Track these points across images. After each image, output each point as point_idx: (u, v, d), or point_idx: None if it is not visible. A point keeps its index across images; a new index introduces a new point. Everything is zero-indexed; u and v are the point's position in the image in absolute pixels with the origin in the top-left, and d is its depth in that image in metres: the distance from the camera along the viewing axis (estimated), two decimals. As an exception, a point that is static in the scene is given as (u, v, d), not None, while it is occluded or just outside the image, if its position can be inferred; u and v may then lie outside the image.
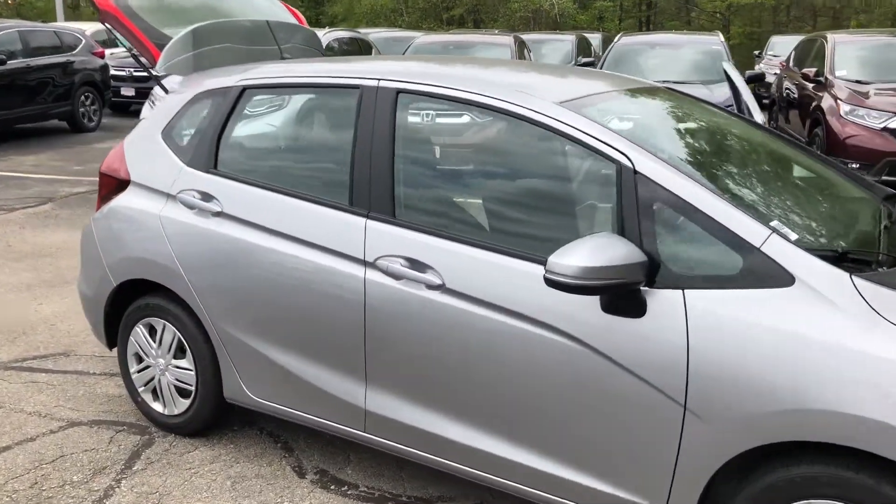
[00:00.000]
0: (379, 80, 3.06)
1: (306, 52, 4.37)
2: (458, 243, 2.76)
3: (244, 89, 3.41)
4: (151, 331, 3.64)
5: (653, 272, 2.41)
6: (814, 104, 8.87)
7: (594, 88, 3.09)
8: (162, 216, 3.45)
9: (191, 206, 3.37)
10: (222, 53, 3.89)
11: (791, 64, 11.06)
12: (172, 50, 3.70)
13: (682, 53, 10.18)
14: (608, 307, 2.45)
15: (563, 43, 15.15)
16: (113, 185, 3.69)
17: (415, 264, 2.82)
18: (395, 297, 2.85)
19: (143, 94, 13.37)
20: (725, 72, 5.66)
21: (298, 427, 3.69)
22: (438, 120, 3.39)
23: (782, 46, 18.06)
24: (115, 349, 3.87)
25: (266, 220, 3.16)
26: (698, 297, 2.35)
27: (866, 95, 8.18)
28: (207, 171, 3.39)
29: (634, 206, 2.47)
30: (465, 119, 3.36)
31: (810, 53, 10.16)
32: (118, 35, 3.81)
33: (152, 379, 3.68)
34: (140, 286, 3.65)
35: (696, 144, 3.19)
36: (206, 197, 3.35)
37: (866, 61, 9.18)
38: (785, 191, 3.06)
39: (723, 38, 10.59)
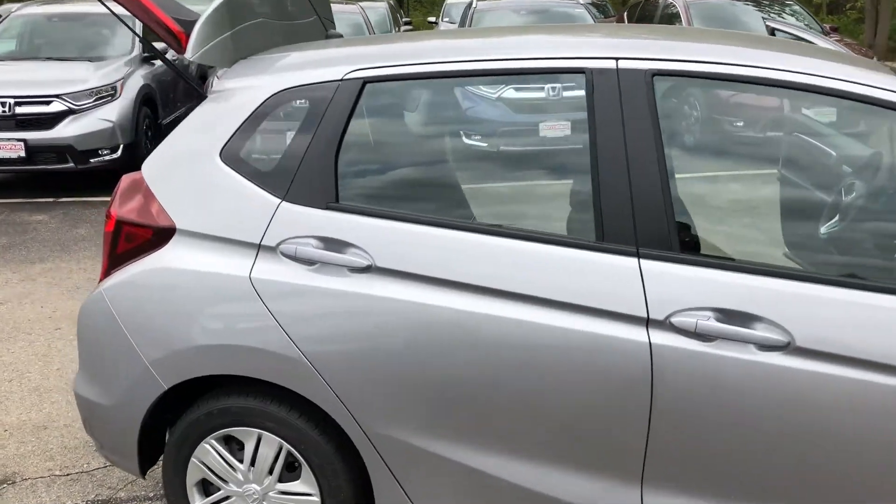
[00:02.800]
0: (617, 59, 2.16)
1: (327, 26, 3.24)
2: (808, 283, 2.00)
3: (365, 83, 2.33)
4: (231, 445, 2.49)
5: None
6: None
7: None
8: (256, 280, 2.30)
9: (308, 262, 2.27)
10: (260, 32, 2.72)
11: None
12: (205, 29, 2.49)
13: (548, 17, 9.72)
14: None
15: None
16: (139, 237, 2.44)
17: (734, 317, 2.01)
18: (706, 366, 2.03)
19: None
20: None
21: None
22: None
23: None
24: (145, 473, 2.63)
25: (459, 274, 2.16)
26: None
27: None
28: (327, 208, 2.29)
29: None
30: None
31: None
32: (133, 15, 2.53)
33: (235, 514, 2.52)
34: (198, 385, 2.47)
35: None
36: (336, 245, 2.26)
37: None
38: None
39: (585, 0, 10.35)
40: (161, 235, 2.42)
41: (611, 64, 2.15)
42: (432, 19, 18.63)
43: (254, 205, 2.34)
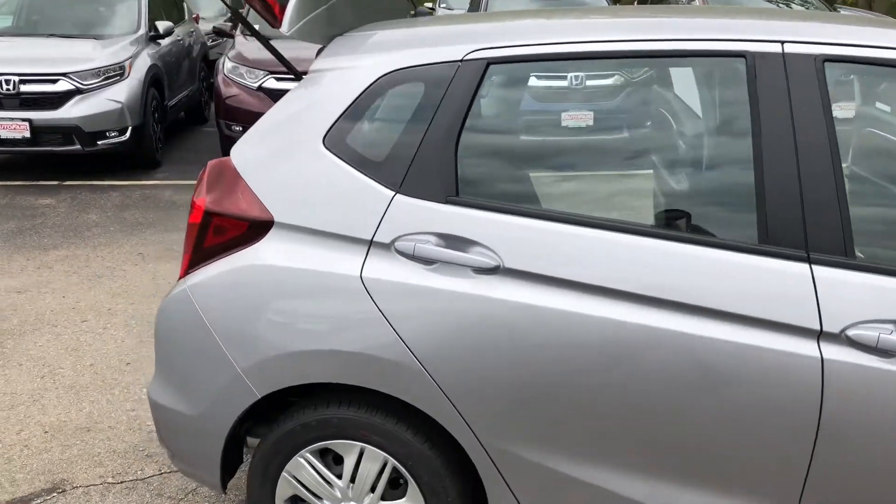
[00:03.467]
0: (782, 42, 1.96)
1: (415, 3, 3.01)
2: None
3: (488, 64, 2.11)
4: (327, 459, 2.28)
5: None
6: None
7: None
8: (368, 279, 2.08)
9: (426, 261, 2.06)
10: (352, 7, 2.50)
11: None
12: (303, 2, 2.27)
13: (563, 2, 9.40)
14: None
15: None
16: (231, 230, 2.22)
17: None
18: (888, 385, 1.84)
19: None
20: None
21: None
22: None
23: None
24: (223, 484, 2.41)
25: (605, 279, 1.95)
26: None
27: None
28: (446, 202, 2.08)
29: None
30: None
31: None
32: None
33: (331, 533, 2.31)
34: (292, 393, 2.26)
35: None
36: (458, 243, 2.04)
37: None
38: None
39: None
40: (256, 229, 2.19)
41: (775, 48, 1.95)
42: (429, 5, 18.19)
43: (364, 197, 2.12)
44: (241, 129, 7.48)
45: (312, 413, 2.23)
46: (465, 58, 2.11)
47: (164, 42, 8.43)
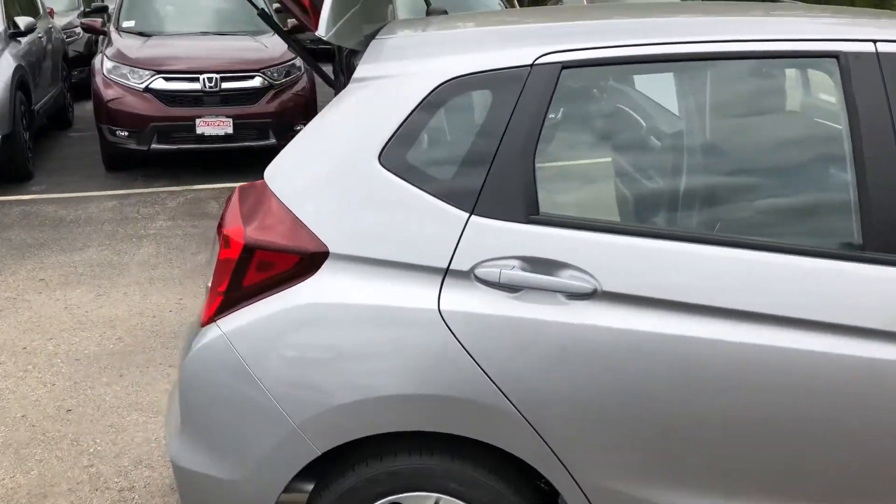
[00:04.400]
0: (875, 41, 1.88)
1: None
2: None
3: (562, 68, 1.92)
4: (397, 515, 2.04)
5: None
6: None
7: None
8: (447, 312, 1.85)
9: (512, 288, 1.85)
10: (377, 7, 2.24)
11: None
12: (338, 3, 1.99)
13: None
14: None
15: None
16: (279, 265, 1.92)
17: None
18: None
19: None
20: None
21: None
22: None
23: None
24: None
25: (720, 298, 1.80)
26: None
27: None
28: (529, 221, 1.88)
29: None
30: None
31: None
32: None
33: None
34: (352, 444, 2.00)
35: None
36: (546, 267, 1.85)
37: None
38: None
39: None
40: (309, 262, 1.91)
41: (868, 47, 1.88)
42: None
43: (434, 221, 1.89)
44: (126, 133, 6.90)
45: (379, 465, 1.98)
46: (537, 62, 1.91)
47: (25, 40, 7.64)
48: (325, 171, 1.94)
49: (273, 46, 7.50)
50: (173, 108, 6.91)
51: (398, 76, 1.96)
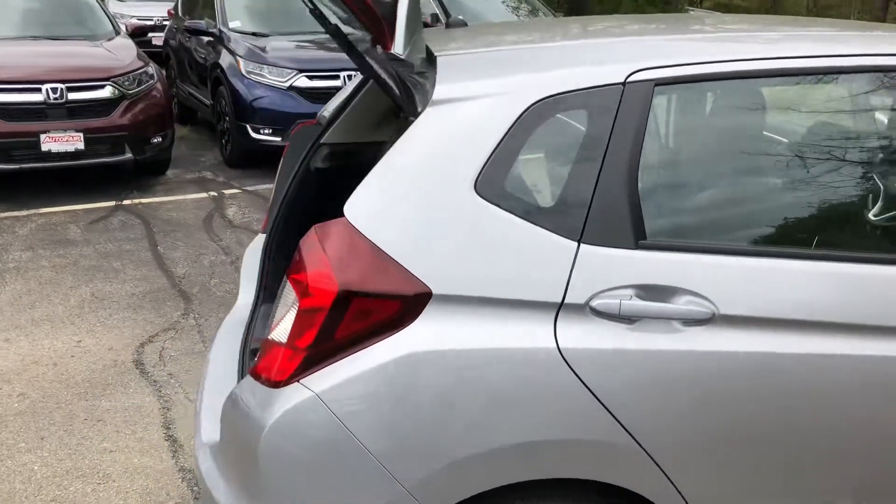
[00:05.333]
0: None
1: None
2: None
3: (655, 85, 1.84)
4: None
5: None
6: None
7: None
8: (567, 350, 1.73)
9: (630, 319, 1.75)
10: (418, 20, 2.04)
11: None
12: (411, 18, 1.80)
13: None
14: None
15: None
16: (379, 312, 1.70)
17: None
18: None
19: None
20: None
21: None
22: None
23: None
24: None
25: (846, 314, 1.80)
26: None
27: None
28: (638, 247, 1.78)
29: None
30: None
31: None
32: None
33: None
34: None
35: None
36: (660, 294, 1.77)
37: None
38: None
39: None
40: (410, 306, 1.71)
41: None
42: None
43: (543, 252, 1.76)
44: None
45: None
46: (629, 80, 1.83)
47: None
48: (417, 205, 1.75)
49: (120, 52, 6.89)
50: (12, 123, 6.14)
51: (485, 97, 1.81)
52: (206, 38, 8.05)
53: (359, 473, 1.72)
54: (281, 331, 1.80)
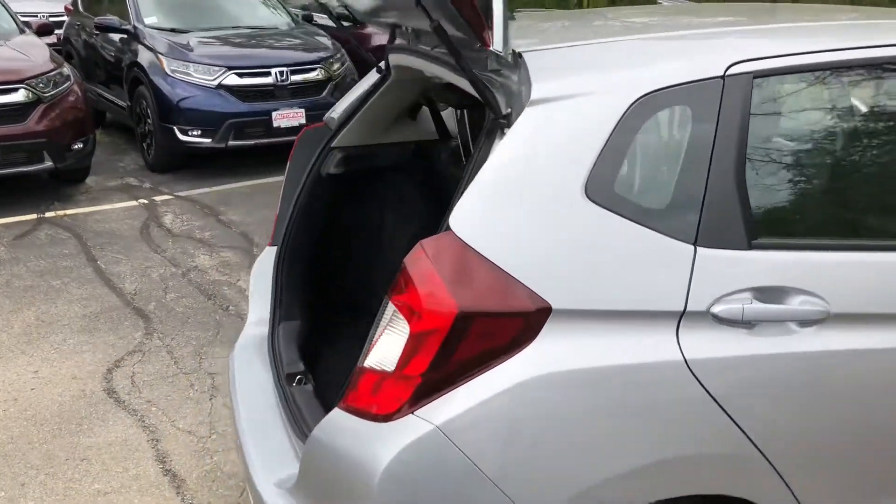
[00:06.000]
0: None
1: None
2: None
3: (753, 77, 1.76)
4: None
5: None
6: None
7: None
8: (692, 360, 1.63)
9: (749, 323, 1.67)
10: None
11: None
12: (505, 12, 1.65)
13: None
14: None
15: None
16: (502, 333, 1.56)
17: None
18: None
19: None
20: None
21: None
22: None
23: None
24: None
25: None
26: None
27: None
28: (751, 248, 1.70)
29: None
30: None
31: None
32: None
33: None
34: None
35: None
36: (776, 295, 1.69)
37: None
38: None
39: None
40: (532, 324, 1.58)
41: None
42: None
43: (661, 258, 1.65)
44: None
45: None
46: (729, 72, 1.74)
47: None
48: (527, 214, 1.62)
49: (31, 52, 6.38)
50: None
51: (585, 94, 1.68)
52: (118, 36, 7.57)
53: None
54: (380, 357, 1.64)
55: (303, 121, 6.86)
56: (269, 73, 6.85)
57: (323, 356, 2.57)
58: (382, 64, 2.55)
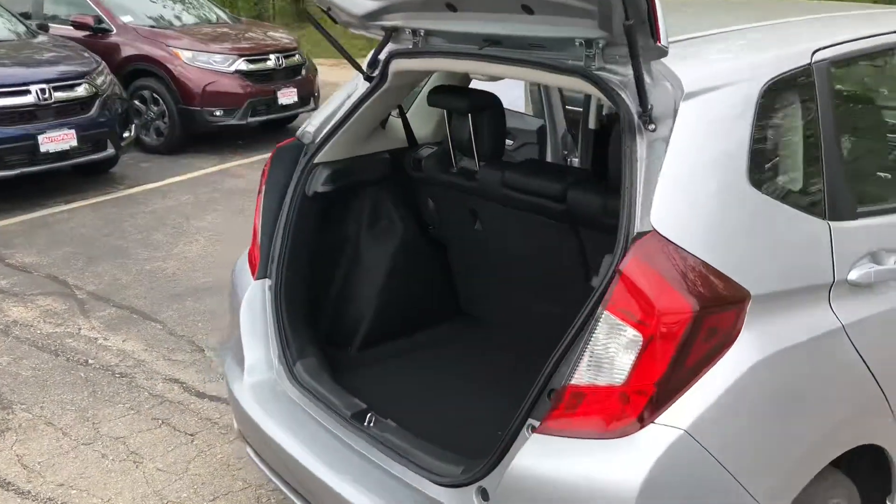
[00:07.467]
0: None
1: None
2: None
3: (831, 63, 1.91)
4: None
5: None
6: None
7: None
8: (848, 326, 1.76)
9: (870, 285, 1.84)
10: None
11: None
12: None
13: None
14: None
15: None
16: (722, 327, 1.58)
17: None
18: None
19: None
20: None
21: None
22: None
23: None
24: None
25: None
26: None
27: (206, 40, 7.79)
28: (857, 216, 1.87)
29: None
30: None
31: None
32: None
33: None
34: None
35: None
36: (882, 258, 1.89)
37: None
38: None
39: None
40: (741, 314, 1.60)
41: None
42: None
43: (811, 234, 1.79)
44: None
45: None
46: (815, 60, 1.89)
47: None
48: (712, 206, 1.65)
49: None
50: None
51: (727, 84, 1.75)
52: None
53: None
54: (597, 371, 1.55)
55: (74, 143, 6.09)
56: (28, 92, 5.97)
57: (356, 388, 2.34)
58: (371, 71, 2.37)
